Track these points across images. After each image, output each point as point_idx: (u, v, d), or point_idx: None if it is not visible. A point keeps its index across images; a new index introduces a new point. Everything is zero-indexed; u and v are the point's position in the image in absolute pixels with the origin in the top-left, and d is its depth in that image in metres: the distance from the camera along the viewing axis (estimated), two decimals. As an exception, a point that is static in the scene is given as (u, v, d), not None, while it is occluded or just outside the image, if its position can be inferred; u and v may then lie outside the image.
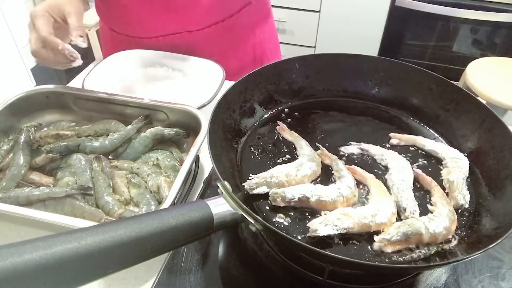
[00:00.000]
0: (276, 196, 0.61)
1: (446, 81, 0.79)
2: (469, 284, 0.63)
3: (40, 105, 0.86)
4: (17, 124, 0.83)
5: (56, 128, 0.83)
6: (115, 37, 1.10)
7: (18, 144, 0.76)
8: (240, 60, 0.95)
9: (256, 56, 1.17)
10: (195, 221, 0.49)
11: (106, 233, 0.43)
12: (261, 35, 1.14)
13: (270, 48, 1.23)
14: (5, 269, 0.37)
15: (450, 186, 0.66)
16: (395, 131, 0.79)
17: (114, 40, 1.11)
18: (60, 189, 0.69)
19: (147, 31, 1.04)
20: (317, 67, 0.85)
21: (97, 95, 0.85)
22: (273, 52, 1.25)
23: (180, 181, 0.66)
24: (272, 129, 0.79)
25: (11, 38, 2.55)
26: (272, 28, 1.24)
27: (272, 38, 1.25)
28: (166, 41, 1.04)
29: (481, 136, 0.72)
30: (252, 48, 1.13)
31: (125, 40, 0.91)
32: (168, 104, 0.82)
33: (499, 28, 2.30)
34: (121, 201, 0.70)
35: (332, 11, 2.49)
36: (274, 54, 1.26)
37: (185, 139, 0.83)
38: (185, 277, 0.63)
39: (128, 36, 1.04)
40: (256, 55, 1.17)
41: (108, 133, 0.81)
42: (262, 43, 1.17)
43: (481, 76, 1.91)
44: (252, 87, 0.80)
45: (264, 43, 1.18)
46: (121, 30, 1.06)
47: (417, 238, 0.56)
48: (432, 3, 2.28)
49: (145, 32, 1.04)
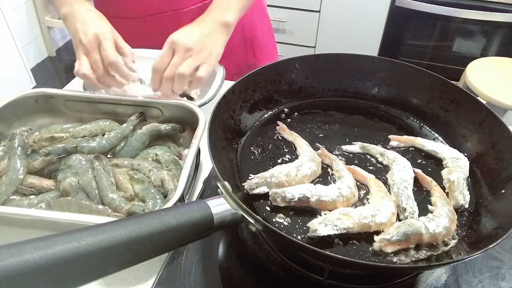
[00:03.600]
0: (276, 196, 0.61)
1: (446, 81, 0.79)
2: (469, 284, 0.63)
3: (30, 110, 0.83)
4: (7, 130, 0.81)
5: (49, 131, 0.81)
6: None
7: (12, 149, 0.75)
8: (230, 43, 0.93)
9: (246, 38, 1.15)
10: (195, 221, 0.49)
11: (106, 233, 0.43)
12: (250, 16, 1.13)
13: (263, 32, 1.21)
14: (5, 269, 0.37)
15: (450, 186, 0.66)
16: (395, 131, 0.79)
17: None
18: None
19: (134, 10, 1.03)
20: (317, 67, 0.85)
21: (88, 96, 0.85)
22: (266, 36, 1.23)
23: (187, 172, 0.67)
24: (272, 129, 0.79)
25: (11, 38, 2.55)
26: (263, 11, 1.22)
27: (264, 22, 1.23)
28: (153, 22, 1.03)
29: (481, 136, 0.72)
30: (240, 30, 1.12)
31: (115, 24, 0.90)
32: (162, 100, 0.82)
33: (499, 28, 2.30)
34: (126, 197, 0.70)
35: (332, 11, 2.49)
36: (267, 38, 1.24)
37: (181, 134, 0.83)
38: (185, 277, 0.63)
39: (117, 18, 1.03)
40: (246, 37, 1.15)
41: (103, 132, 0.81)
42: (252, 26, 1.15)
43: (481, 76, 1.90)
44: (252, 87, 0.80)
45: (254, 26, 1.16)
46: (111, 12, 1.05)
47: (417, 238, 0.56)
48: (432, 3, 2.27)
49: (133, 11, 1.03)
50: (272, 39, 1.29)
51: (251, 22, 1.15)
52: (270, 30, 1.28)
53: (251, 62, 1.19)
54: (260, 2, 1.19)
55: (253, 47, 1.18)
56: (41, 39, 3.07)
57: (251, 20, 1.15)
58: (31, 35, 2.97)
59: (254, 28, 1.17)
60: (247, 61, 1.18)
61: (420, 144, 0.75)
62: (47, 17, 2.96)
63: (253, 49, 1.19)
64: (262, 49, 1.21)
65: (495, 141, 0.69)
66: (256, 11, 1.16)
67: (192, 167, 0.69)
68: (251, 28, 1.16)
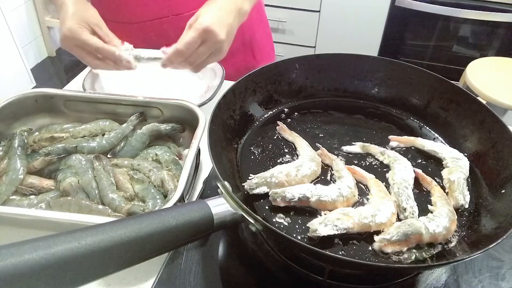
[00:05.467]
0: (276, 196, 0.61)
1: (446, 81, 0.79)
2: (469, 284, 0.63)
3: (30, 110, 0.83)
4: (7, 130, 0.81)
5: (48, 131, 0.82)
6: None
7: (12, 148, 0.75)
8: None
9: (246, 40, 1.15)
10: (195, 221, 0.49)
11: (106, 233, 0.43)
12: (249, 18, 1.13)
13: (260, 34, 1.21)
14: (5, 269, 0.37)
15: (450, 186, 0.66)
16: (395, 131, 0.79)
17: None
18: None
19: (134, 14, 1.03)
20: (317, 67, 0.85)
21: (88, 96, 0.85)
22: (264, 38, 1.23)
23: (187, 172, 0.67)
24: (272, 129, 0.79)
25: (11, 38, 2.55)
26: (261, 13, 1.22)
27: (262, 24, 1.23)
28: (154, 27, 1.03)
29: (481, 136, 0.72)
30: (240, 32, 1.12)
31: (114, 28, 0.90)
32: (162, 100, 0.82)
33: (499, 28, 2.30)
34: (126, 197, 0.70)
35: (332, 11, 2.49)
36: (266, 41, 1.24)
37: (181, 134, 0.83)
38: (185, 277, 0.63)
39: (117, 23, 1.03)
40: (245, 40, 1.15)
41: (103, 132, 0.81)
42: (250, 27, 1.15)
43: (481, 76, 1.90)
44: (252, 87, 0.80)
45: (252, 27, 1.16)
46: (110, 16, 1.05)
47: (417, 238, 0.56)
48: (432, 3, 2.27)
49: (132, 16, 1.03)
50: (270, 41, 1.29)
51: (250, 25, 1.15)
52: (268, 31, 1.28)
53: (250, 64, 1.19)
54: (258, 4, 1.19)
55: (252, 49, 1.18)
56: (41, 39, 3.07)
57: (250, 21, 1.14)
58: (31, 35, 2.97)
59: (253, 30, 1.17)
60: (247, 63, 1.18)
61: (420, 144, 0.75)
62: (47, 17, 2.96)
63: (252, 52, 1.19)
64: (261, 51, 1.21)
65: (495, 141, 0.69)
66: (255, 13, 1.16)
67: (192, 167, 0.69)
68: (251, 31, 1.16)
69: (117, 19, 1.04)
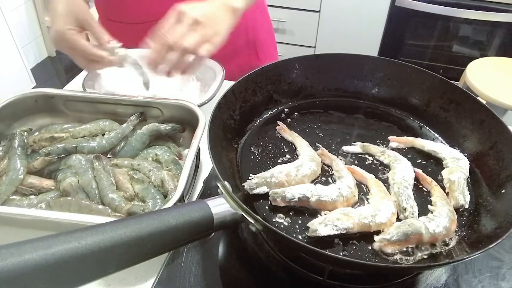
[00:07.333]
0: (276, 196, 0.61)
1: (446, 81, 0.79)
2: (469, 284, 0.62)
3: (30, 110, 0.83)
4: (7, 130, 0.81)
5: (48, 131, 0.82)
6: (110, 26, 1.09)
7: (12, 148, 0.75)
8: (233, 44, 0.92)
9: (249, 41, 1.15)
10: (195, 221, 0.49)
11: (106, 233, 0.43)
12: (253, 19, 1.13)
13: (265, 34, 1.21)
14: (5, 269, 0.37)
15: (450, 186, 0.66)
16: (395, 131, 0.79)
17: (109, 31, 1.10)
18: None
19: (140, 14, 1.02)
20: (317, 67, 0.85)
21: (88, 96, 0.85)
22: (268, 38, 1.23)
23: (187, 172, 0.67)
24: (272, 129, 0.79)
25: (11, 38, 2.55)
26: (265, 13, 1.22)
27: (266, 24, 1.23)
28: (154, 28, 1.03)
29: (481, 136, 0.72)
30: (244, 32, 1.12)
31: (120, 28, 0.89)
32: (162, 100, 0.82)
33: (499, 28, 2.30)
34: (126, 197, 0.70)
35: (332, 11, 2.49)
36: (269, 40, 1.24)
37: (181, 134, 0.83)
38: (185, 277, 0.63)
39: (122, 23, 1.03)
40: (249, 39, 1.15)
41: (103, 132, 0.81)
42: (254, 27, 1.15)
43: (481, 76, 1.90)
44: (252, 87, 0.80)
45: (256, 27, 1.16)
46: (116, 17, 1.05)
47: (417, 238, 0.56)
48: (432, 3, 2.27)
49: (139, 16, 1.03)
50: (273, 41, 1.30)
51: (254, 25, 1.15)
52: (271, 32, 1.28)
53: (254, 64, 1.19)
54: (262, 5, 1.20)
55: (256, 49, 1.18)
56: (41, 39, 3.07)
57: (254, 22, 1.15)
58: (31, 35, 2.97)
59: (257, 30, 1.17)
60: (250, 63, 1.18)
61: (420, 144, 0.75)
62: (47, 17, 2.96)
63: (256, 51, 1.19)
64: (264, 51, 1.22)
65: (495, 141, 0.69)
66: (258, 14, 1.16)
67: (192, 167, 0.69)
68: (254, 31, 1.16)
69: (118, 19, 1.04)
